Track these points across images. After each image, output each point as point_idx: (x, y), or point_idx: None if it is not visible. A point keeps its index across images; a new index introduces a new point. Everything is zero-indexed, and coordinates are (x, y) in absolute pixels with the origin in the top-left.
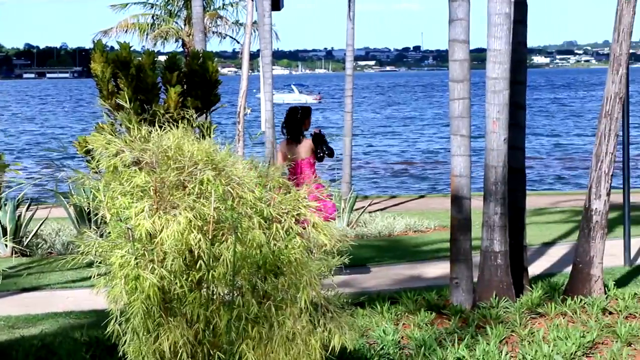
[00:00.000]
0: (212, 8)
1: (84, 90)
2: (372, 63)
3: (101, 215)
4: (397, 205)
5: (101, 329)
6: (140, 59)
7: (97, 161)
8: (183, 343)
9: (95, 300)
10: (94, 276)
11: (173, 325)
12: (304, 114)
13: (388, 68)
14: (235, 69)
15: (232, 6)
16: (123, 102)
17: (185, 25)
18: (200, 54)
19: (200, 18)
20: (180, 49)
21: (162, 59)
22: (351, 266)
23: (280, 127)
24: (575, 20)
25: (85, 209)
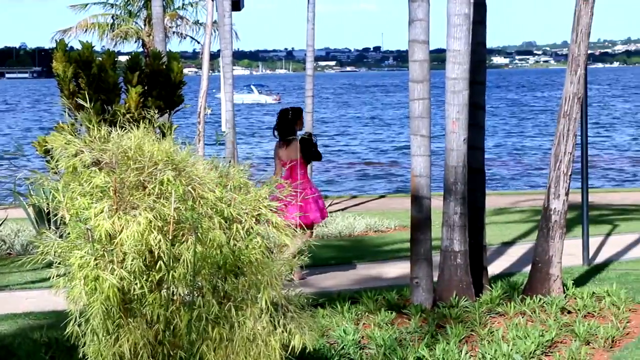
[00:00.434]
0: (172, 8)
1: (43, 90)
2: (333, 63)
3: (60, 216)
4: (358, 205)
5: (61, 329)
6: (102, 59)
7: (56, 161)
8: (143, 344)
9: (55, 301)
10: (53, 277)
11: (133, 326)
12: (294, 115)
13: (348, 68)
14: (195, 69)
15: (192, 6)
16: (84, 102)
17: (145, 25)
18: (163, 55)
19: (160, 18)
20: (140, 49)
21: (123, 59)
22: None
23: (272, 129)
24: (535, 21)
25: (45, 210)
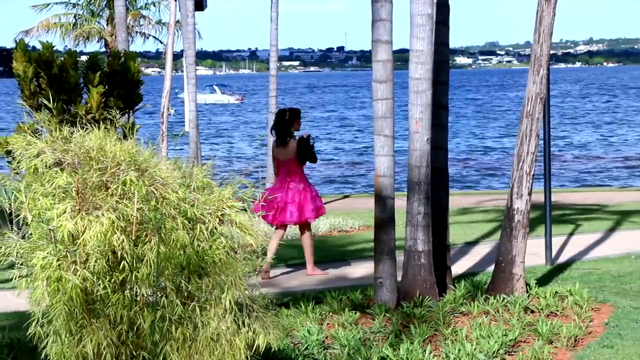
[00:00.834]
0: (135, 8)
1: (4, 90)
2: (296, 63)
3: (23, 217)
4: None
5: (23, 330)
6: (63, 59)
7: (18, 162)
8: (107, 344)
9: (17, 302)
10: (16, 278)
11: (96, 326)
12: (292, 115)
13: (312, 68)
14: (159, 69)
15: (155, 6)
16: (45, 102)
17: (107, 25)
18: (122, 54)
19: (122, 18)
20: (103, 49)
21: (85, 59)
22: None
23: (269, 130)
24: (497, 21)
25: (7, 211)
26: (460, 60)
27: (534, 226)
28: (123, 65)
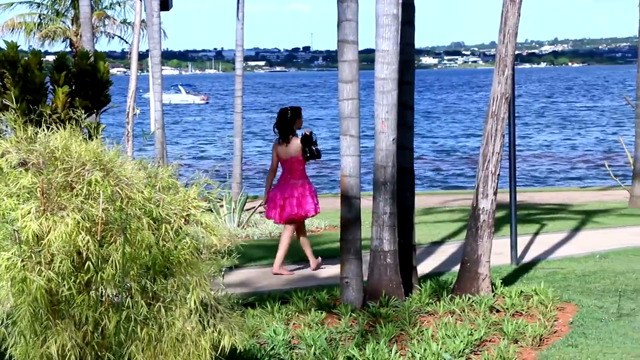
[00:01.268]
0: (100, 8)
1: None
2: (262, 63)
3: None
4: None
5: None
6: (27, 59)
7: None
8: (71, 345)
9: None
10: None
11: (61, 327)
12: (293, 114)
13: (278, 68)
14: (124, 69)
15: (120, 5)
16: (9, 102)
17: (72, 24)
18: (90, 54)
19: (87, 18)
20: (69, 49)
21: (50, 58)
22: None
23: (272, 127)
24: (463, 21)
25: None
26: (426, 60)
27: (499, 226)
28: (92, 66)
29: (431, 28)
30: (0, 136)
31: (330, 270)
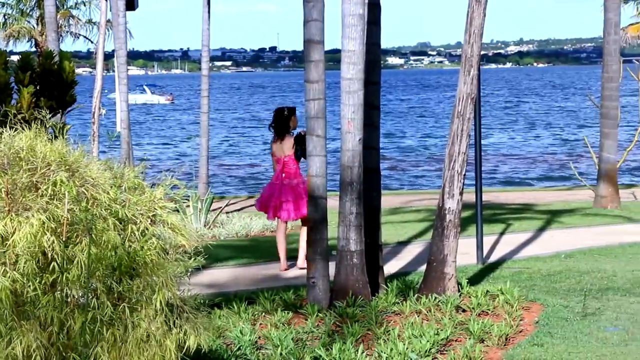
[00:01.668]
0: (65, 7)
1: None
2: (229, 63)
3: None
4: (255, 205)
5: None
6: None
7: None
8: (36, 346)
9: None
10: None
11: (26, 328)
12: (290, 113)
13: (244, 69)
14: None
15: (85, 5)
16: None
17: (37, 24)
18: (55, 54)
19: (53, 17)
20: (33, 49)
21: (15, 58)
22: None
23: (268, 126)
24: (429, 22)
25: None
26: (392, 60)
27: (465, 226)
28: (58, 65)
29: (397, 28)
30: None
31: (297, 271)
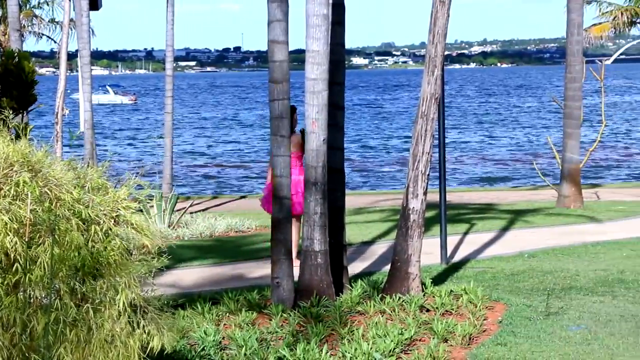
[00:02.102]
0: (28, 7)
1: None
2: (193, 63)
3: None
4: (219, 205)
5: None
6: None
7: None
8: None
9: None
10: None
11: None
12: (291, 112)
13: (209, 69)
14: (53, 69)
15: (48, 5)
16: None
17: (0, 24)
18: (16, 54)
19: (16, 17)
20: None
21: None
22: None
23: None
24: (393, 22)
25: None
26: (357, 60)
27: (429, 225)
28: (17, 65)
29: (361, 28)
30: None
31: (261, 271)
